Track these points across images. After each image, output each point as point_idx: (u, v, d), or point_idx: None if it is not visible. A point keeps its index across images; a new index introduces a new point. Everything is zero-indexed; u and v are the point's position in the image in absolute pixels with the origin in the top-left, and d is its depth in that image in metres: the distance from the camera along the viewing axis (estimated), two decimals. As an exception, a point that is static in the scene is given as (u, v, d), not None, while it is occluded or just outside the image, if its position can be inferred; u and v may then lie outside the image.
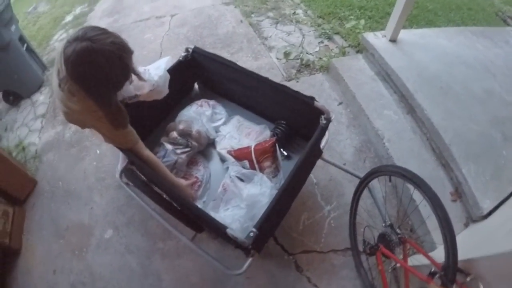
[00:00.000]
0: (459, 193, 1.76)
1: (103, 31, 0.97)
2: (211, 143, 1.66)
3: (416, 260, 1.42)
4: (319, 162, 1.68)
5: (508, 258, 1.00)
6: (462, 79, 2.16)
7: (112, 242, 1.80)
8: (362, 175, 1.53)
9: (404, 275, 1.36)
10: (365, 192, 1.62)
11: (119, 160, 1.63)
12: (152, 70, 1.42)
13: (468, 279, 1.12)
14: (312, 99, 1.35)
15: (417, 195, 1.45)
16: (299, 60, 2.48)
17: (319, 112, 1.33)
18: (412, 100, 2.07)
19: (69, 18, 3.99)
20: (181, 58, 1.61)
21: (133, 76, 1.24)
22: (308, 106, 1.36)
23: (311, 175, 1.87)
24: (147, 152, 1.30)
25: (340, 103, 2.23)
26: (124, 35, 1.07)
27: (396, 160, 1.88)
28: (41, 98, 2.80)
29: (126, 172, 1.46)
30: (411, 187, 1.36)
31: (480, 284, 1.08)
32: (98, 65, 0.94)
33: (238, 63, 1.53)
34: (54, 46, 3.49)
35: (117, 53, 0.97)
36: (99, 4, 4.02)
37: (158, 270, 1.67)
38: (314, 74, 2.41)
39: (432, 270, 1.14)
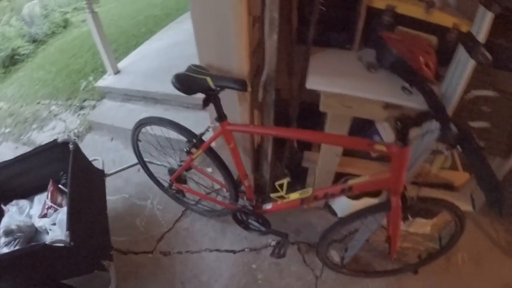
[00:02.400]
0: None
1: None
2: (37, 230, 1.93)
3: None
4: (124, 178, 2.24)
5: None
6: (179, 56, 3.08)
7: None
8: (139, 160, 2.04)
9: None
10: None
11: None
12: None
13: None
14: (55, 140, 1.77)
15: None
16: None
17: (68, 143, 1.76)
18: (149, 94, 2.91)
19: None
20: None
21: None
22: (57, 147, 1.78)
23: (123, 193, 2.36)
24: None
25: (112, 138, 2.89)
26: None
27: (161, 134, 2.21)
28: None
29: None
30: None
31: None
32: None
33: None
34: None
35: None
36: None
37: None
38: (84, 137, 3.00)
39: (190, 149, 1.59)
